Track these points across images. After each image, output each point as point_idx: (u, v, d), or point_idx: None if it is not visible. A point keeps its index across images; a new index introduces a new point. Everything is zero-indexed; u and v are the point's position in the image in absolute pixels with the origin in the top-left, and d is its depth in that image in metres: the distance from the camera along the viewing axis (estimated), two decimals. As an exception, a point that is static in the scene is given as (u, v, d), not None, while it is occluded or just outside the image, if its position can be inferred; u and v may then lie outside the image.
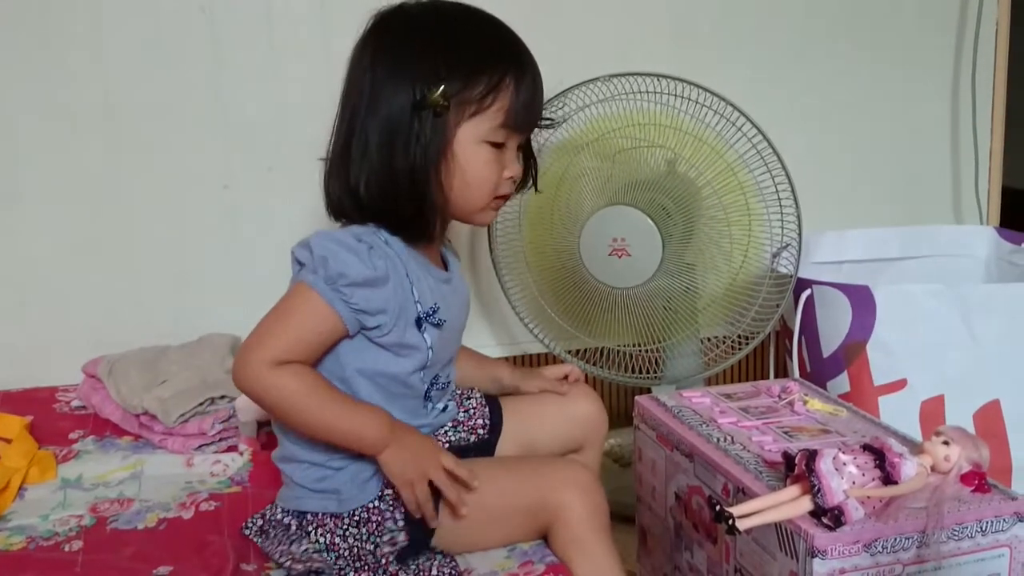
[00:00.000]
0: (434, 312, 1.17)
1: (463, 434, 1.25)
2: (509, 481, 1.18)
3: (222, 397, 1.52)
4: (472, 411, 1.29)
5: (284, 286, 1.78)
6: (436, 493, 1.13)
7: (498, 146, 1.17)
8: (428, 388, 1.21)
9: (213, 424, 1.48)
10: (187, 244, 1.77)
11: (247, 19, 1.72)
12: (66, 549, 1.21)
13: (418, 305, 1.15)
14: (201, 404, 1.50)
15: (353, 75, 1.17)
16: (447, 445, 1.22)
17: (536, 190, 1.34)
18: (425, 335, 1.16)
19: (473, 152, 1.15)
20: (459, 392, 1.30)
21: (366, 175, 1.13)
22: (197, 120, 1.73)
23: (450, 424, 1.25)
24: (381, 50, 1.15)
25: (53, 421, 1.57)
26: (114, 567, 1.17)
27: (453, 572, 1.13)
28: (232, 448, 1.48)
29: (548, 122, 1.32)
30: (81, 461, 1.44)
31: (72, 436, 1.52)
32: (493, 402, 1.32)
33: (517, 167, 1.21)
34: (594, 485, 1.16)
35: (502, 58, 1.15)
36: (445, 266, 1.25)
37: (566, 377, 1.38)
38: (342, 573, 1.12)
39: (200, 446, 1.48)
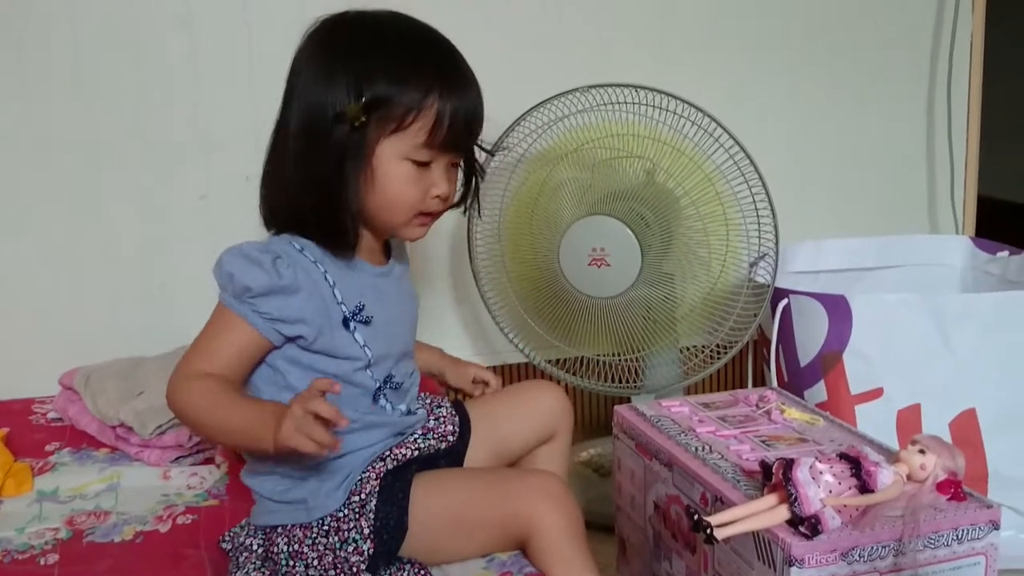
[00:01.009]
0: (360, 310, 1.16)
1: (432, 441, 1.25)
2: (481, 492, 1.18)
3: (200, 409, 1.51)
4: (442, 419, 1.28)
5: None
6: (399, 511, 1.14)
7: (423, 164, 1.15)
8: (381, 386, 1.19)
9: (190, 436, 1.47)
10: (164, 255, 1.76)
11: (225, 29, 1.72)
12: (42, 563, 1.20)
13: (342, 307, 1.15)
14: (178, 416, 1.49)
15: (288, 82, 1.17)
16: (416, 452, 1.22)
17: (475, 212, 1.33)
18: (356, 335, 1.16)
19: (394, 169, 1.13)
20: (429, 400, 1.30)
21: (287, 184, 1.14)
22: (175, 130, 1.73)
23: (419, 431, 1.25)
24: (309, 57, 1.15)
25: (29, 433, 1.56)
26: (90, 580, 1.16)
27: None
28: (209, 461, 1.48)
29: (487, 147, 1.31)
30: (57, 473, 1.43)
31: (48, 448, 1.51)
32: (461, 410, 1.32)
33: (445, 186, 1.17)
34: (566, 495, 1.16)
35: (428, 76, 1.12)
36: (387, 257, 1.25)
37: (485, 384, 1.39)
38: None
39: (177, 458, 1.47)
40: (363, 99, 1.10)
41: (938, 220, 2.10)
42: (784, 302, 1.57)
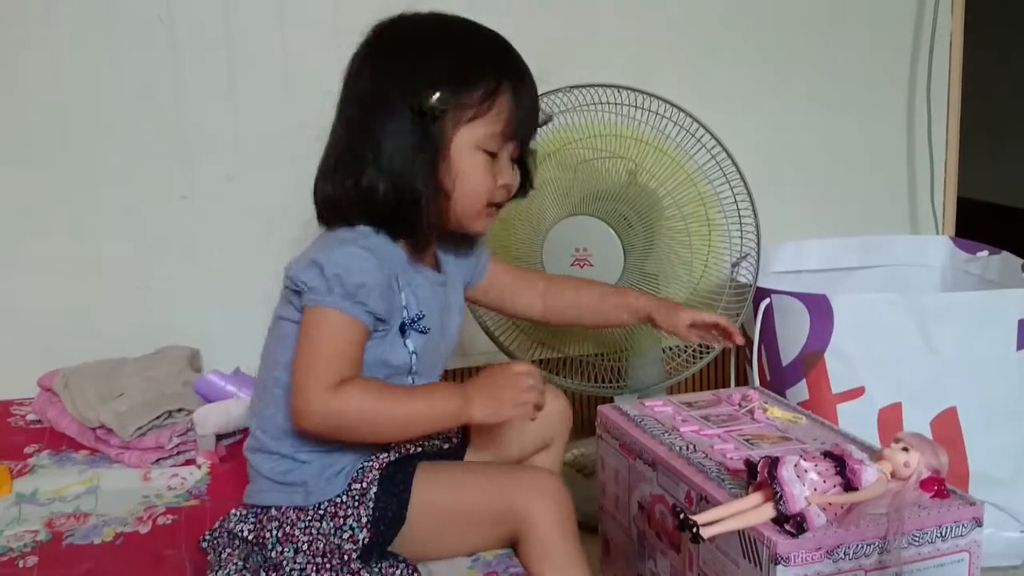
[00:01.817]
0: (419, 319, 1.16)
1: (437, 440, 1.25)
2: (476, 486, 1.17)
3: (179, 410, 1.50)
4: None
5: (243, 298, 1.77)
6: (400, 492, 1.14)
7: (492, 155, 1.16)
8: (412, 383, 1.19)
9: (171, 437, 1.46)
10: (144, 255, 1.75)
11: (205, 29, 1.71)
12: (20, 565, 1.19)
13: (404, 311, 1.15)
14: (158, 417, 1.48)
15: (353, 83, 1.18)
16: (420, 448, 1.21)
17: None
18: (408, 341, 1.16)
19: (470, 158, 1.15)
20: None
21: (359, 178, 1.13)
22: (155, 130, 1.72)
23: None
24: (381, 58, 1.16)
25: (8, 435, 1.55)
26: (70, 583, 1.15)
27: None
28: (190, 461, 1.46)
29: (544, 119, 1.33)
30: (36, 476, 1.42)
31: (27, 450, 1.50)
32: None
33: (510, 176, 1.20)
34: (562, 492, 1.16)
35: (499, 65, 1.16)
36: (439, 267, 1.25)
37: (717, 328, 1.34)
38: (302, 571, 1.11)
39: (157, 460, 1.46)
40: (440, 90, 1.12)
41: (918, 220, 2.11)
42: (766, 302, 1.58)
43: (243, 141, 1.75)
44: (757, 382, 1.61)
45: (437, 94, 1.11)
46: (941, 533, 1.02)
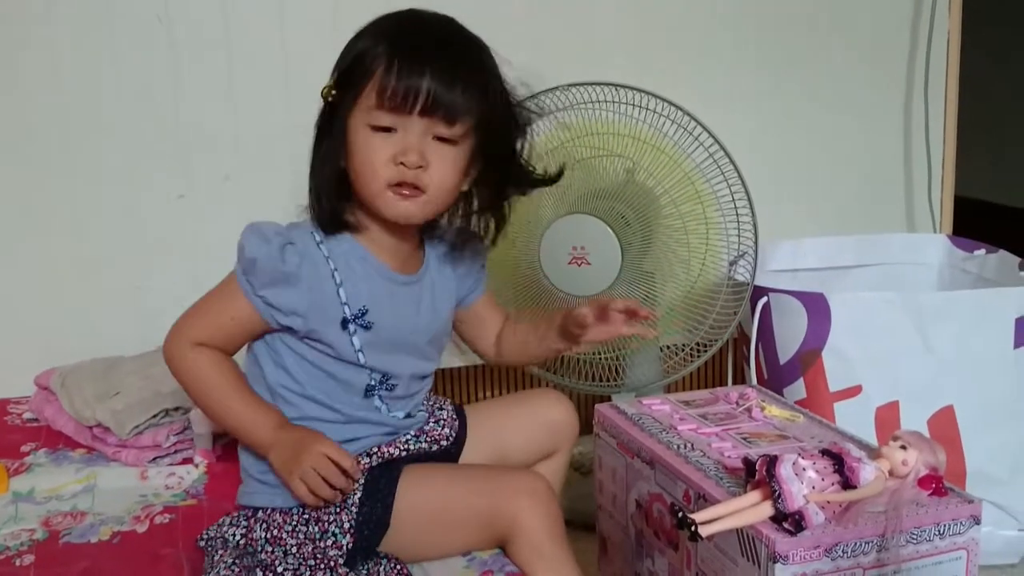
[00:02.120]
0: (362, 314, 1.16)
1: (423, 444, 1.24)
2: (465, 487, 1.18)
3: (176, 409, 1.50)
4: (441, 422, 1.28)
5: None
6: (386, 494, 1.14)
7: (387, 130, 1.13)
8: (375, 385, 1.19)
9: (168, 436, 1.46)
10: (142, 254, 1.74)
11: (204, 29, 1.71)
12: (17, 564, 1.19)
13: (345, 307, 1.15)
14: (155, 416, 1.47)
15: None
16: (405, 452, 1.21)
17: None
18: (354, 338, 1.16)
19: (358, 138, 1.14)
20: (432, 402, 1.30)
21: (310, 179, 1.19)
22: (154, 129, 1.71)
23: (412, 433, 1.25)
24: None
25: (5, 434, 1.55)
26: (67, 582, 1.15)
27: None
28: (187, 460, 1.46)
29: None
30: (33, 474, 1.42)
31: (24, 449, 1.50)
32: (461, 415, 1.31)
33: (412, 155, 1.12)
34: (549, 494, 1.16)
35: (378, 40, 1.14)
36: (418, 268, 1.24)
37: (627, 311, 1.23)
38: (294, 572, 1.11)
39: (155, 458, 1.46)
40: (334, 76, 1.16)
41: (916, 219, 2.11)
42: (763, 300, 1.58)
43: (242, 141, 1.75)
44: (755, 380, 1.61)
45: (328, 85, 1.16)
46: (939, 531, 1.02)
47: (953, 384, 1.51)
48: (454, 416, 1.30)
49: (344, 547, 1.11)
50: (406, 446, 1.22)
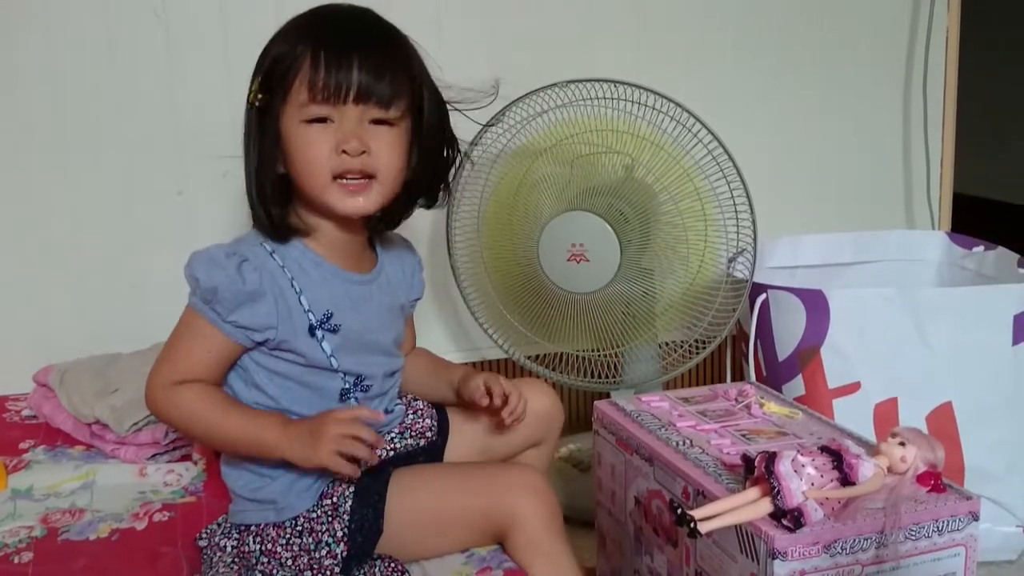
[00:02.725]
0: (327, 319, 1.15)
1: (410, 440, 1.24)
2: (460, 487, 1.17)
3: (176, 405, 1.50)
4: (420, 412, 1.28)
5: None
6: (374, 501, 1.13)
7: (322, 121, 1.12)
8: (349, 388, 1.18)
9: (167, 433, 1.46)
10: (140, 250, 1.74)
11: (202, 23, 1.70)
12: (16, 561, 1.19)
13: (309, 314, 1.14)
14: (155, 413, 1.47)
15: None
16: (393, 453, 1.21)
17: (447, 196, 1.29)
18: (323, 344, 1.15)
19: (297, 135, 1.12)
20: (409, 396, 1.29)
21: (247, 182, 1.16)
22: (151, 125, 1.71)
23: (396, 430, 1.24)
24: None
25: (3, 430, 1.54)
26: (65, 579, 1.15)
27: (398, 574, 1.12)
28: (186, 457, 1.46)
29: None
30: (32, 471, 1.41)
31: (22, 446, 1.49)
32: (437, 405, 1.31)
33: (351, 140, 1.11)
34: (547, 489, 1.16)
35: (299, 35, 1.13)
36: (372, 267, 1.23)
37: (505, 400, 1.26)
38: None
39: (153, 455, 1.45)
40: (256, 79, 1.13)
41: (914, 216, 2.12)
42: (762, 297, 1.58)
43: (239, 137, 1.74)
44: (753, 377, 1.61)
45: (252, 88, 1.13)
46: (937, 527, 1.02)
47: (951, 381, 1.51)
48: (430, 405, 1.30)
49: (339, 555, 1.11)
50: (392, 445, 1.22)
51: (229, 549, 1.15)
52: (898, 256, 1.86)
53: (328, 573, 1.11)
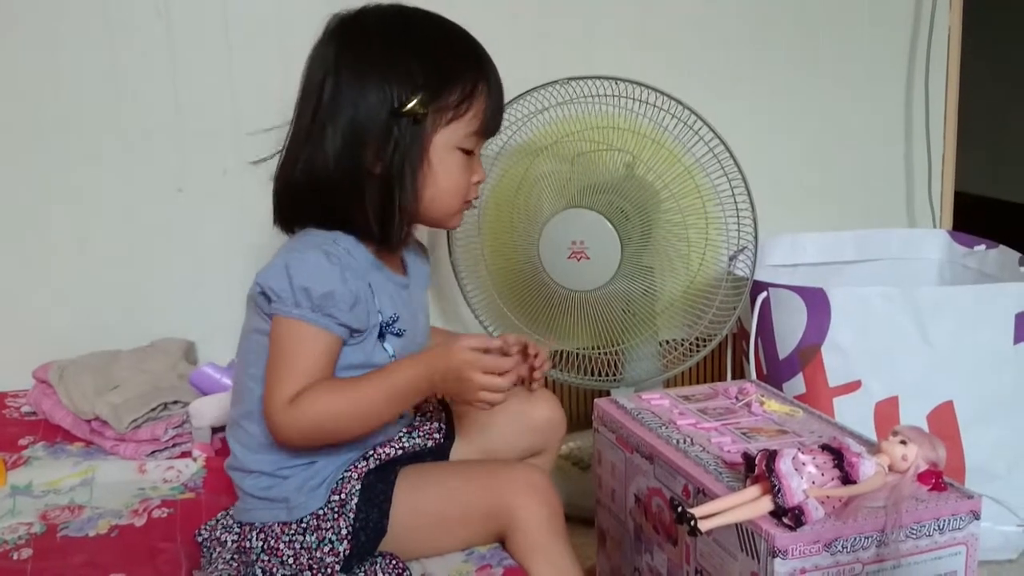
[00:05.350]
0: (394, 321, 1.16)
1: (417, 440, 1.24)
2: (464, 485, 1.17)
3: (175, 402, 1.50)
4: (428, 414, 1.28)
5: (239, 291, 1.76)
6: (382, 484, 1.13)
7: (468, 152, 1.17)
8: None
9: (166, 430, 1.46)
10: (140, 248, 1.74)
11: (204, 22, 1.70)
12: (15, 557, 1.19)
13: (379, 315, 1.15)
14: (154, 409, 1.47)
15: (314, 78, 1.15)
16: (400, 451, 1.21)
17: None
18: (387, 345, 1.16)
19: (448, 159, 1.15)
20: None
21: (335, 180, 1.12)
22: (152, 123, 1.71)
23: (405, 430, 1.24)
24: (348, 54, 1.14)
25: (2, 427, 1.55)
26: (64, 575, 1.15)
27: (398, 573, 1.12)
28: (186, 454, 1.46)
29: None
30: (31, 468, 1.42)
31: (22, 442, 1.50)
32: (446, 407, 1.31)
33: (483, 171, 1.22)
34: (549, 488, 1.16)
35: (474, 65, 1.16)
36: (404, 270, 1.24)
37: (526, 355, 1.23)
38: None
39: (153, 452, 1.45)
40: (421, 93, 1.11)
41: (916, 214, 2.11)
42: (763, 295, 1.58)
43: (241, 135, 1.74)
44: (754, 375, 1.61)
45: (417, 98, 1.11)
46: (939, 526, 1.02)
47: (953, 379, 1.50)
48: (439, 407, 1.30)
49: (341, 554, 1.11)
50: (400, 444, 1.22)
51: (229, 544, 1.15)
52: (899, 254, 1.86)
53: (329, 571, 1.11)
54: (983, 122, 2.77)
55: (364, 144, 1.11)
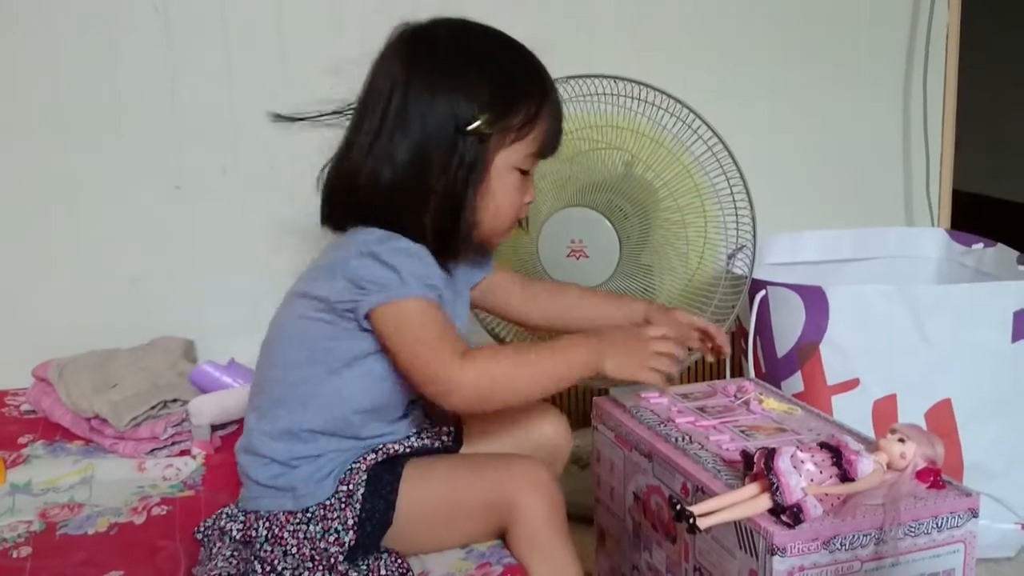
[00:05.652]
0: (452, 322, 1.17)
1: (426, 440, 1.25)
2: (468, 476, 1.18)
3: (175, 400, 1.50)
4: (440, 417, 1.29)
5: (237, 289, 1.77)
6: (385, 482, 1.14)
7: (524, 172, 1.18)
8: (415, 399, 1.21)
9: (166, 428, 1.46)
10: (138, 245, 1.75)
11: (201, 19, 1.70)
12: (14, 555, 1.19)
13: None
14: (153, 408, 1.48)
15: (381, 88, 1.16)
16: (409, 449, 1.21)
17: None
18: None
19: (506, 178, 1.17)
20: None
21: (400, 192, 1.13)
22: (150, 120, 1.71)
23: (414, 430, 1.25)
24: (418, 68, 1.14)
25: (2, 425, 1.55)
26: (64, 573, 1.15)
27: (401, 571, 1.12)
28: (185, 452, 1.46)
29: None
30: (31, 466, 1.42)
31: (21, 441, 1.50)
32: (458, 418, 1.32)
33: (534, 192, 1.23)
34: (552, 484, 1.16)
35: (539, 87, 1.18)
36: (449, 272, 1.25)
37: (707, 336, 1.34)
38: (292, 572, 1.11)
39: (152, 450, 1.46)
40: (486, 113, 1.12)
41: (914, 213, 2.12)
42: (762, 293, 1.58)
43: (239, 133, 1.75)
44: (752, 373, 1.61)
45: (484, 117, 1.12)
46: (937, 524, 1.02)
47: (951, 377, 1.51)
48: (450, 415, 1.30)
49: (346, 544, 1.11)
50: (409, 443, 1.22)
51: (233, 533, 1.15)
52: (897, 253, 1.86)
53: (332, 561, 1.11)
54: (981, 121, 2.78)
55: (430, 159, 1.13)
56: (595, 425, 1.37)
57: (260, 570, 1.11)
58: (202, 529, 1.19)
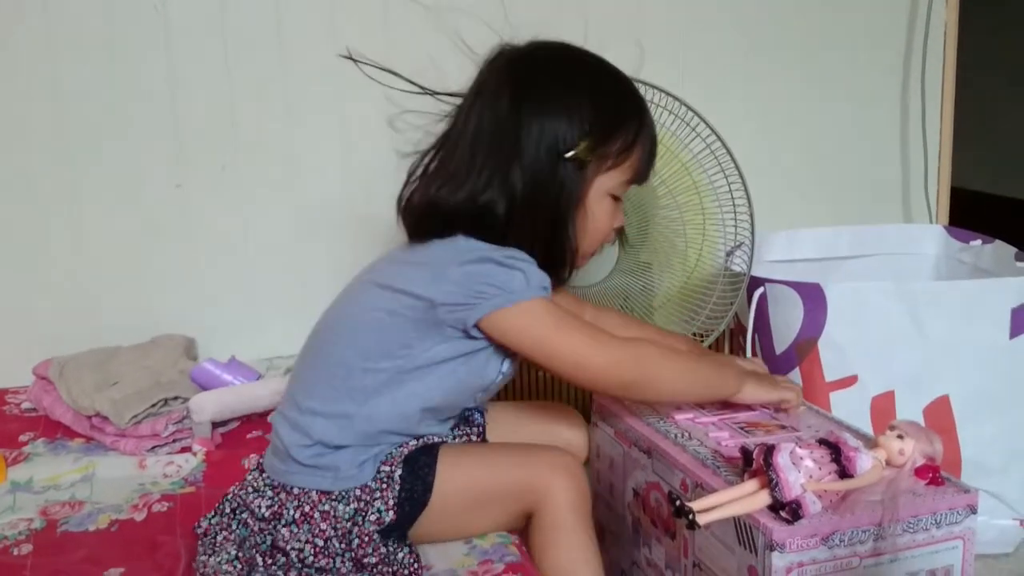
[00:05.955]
0: None
1: (458, 436, 1.26)
2: (500, 462, 1.19)
3: (175, 398, 1.50)
4: (470, 418, 1.30)
5: (238, 287, 1.77)
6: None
7: (616, 199, 1.20)
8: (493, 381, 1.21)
9: (166, 425, 1.46)
10: (139, 243, 1.75)
11: (201, 17, 1.70)
12: (15, 553, 1.19)
13: None
14: (154, 405, 1.48)
15: (480, 111, 1.16)
16: (443, 440, 1.22)
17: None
18: (505, 362, 1.18)
19: (600, 203, 1.18)
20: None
21: (506, 216, 1.14)
22: (150, 118, 1.71)
23: (450, 427, 1.26)
24: (528, 92, 1.15)
25: (3, 423, 1.55)
26: (64, 570, 1.15)
27: (416, 565, 1.12)
28: (186, 449, 1.47)
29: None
30: (31, 464, 1.42)
31: (22, 438, 1.50)
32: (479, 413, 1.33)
33: (623, 217, 1.25)
34: (581, 473, 1.18)
35: (636, 115, 1.19)
36: None
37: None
38: (300, 552, 1.11)
39: (153, 447, 1.46)
40: (587, 140, 1.13)
41: (912, 210, 2.12)
42: (760, 290, 1.58)
43: (239, 131, 1.75)
44: (751, 370, 1.61)
45: (584, 143, 1.13)
46: (935, 520, 1.02)
47: (949, 374, 1.51)
48: (479, 412, 1.32)
49: (386, 522, 1.12)
50: (443, 437, 1.23)
51: (263, 509, 1.14)
52: (895, 250, 1.87)
53: (359, 541, 1.11)
54: (979, 118, 2.78)
55: (537, 183, 1.14)
56: (595, 421, 1.38)
57: (282, 548, 1.11)
58: (203, 523, 1.19)
